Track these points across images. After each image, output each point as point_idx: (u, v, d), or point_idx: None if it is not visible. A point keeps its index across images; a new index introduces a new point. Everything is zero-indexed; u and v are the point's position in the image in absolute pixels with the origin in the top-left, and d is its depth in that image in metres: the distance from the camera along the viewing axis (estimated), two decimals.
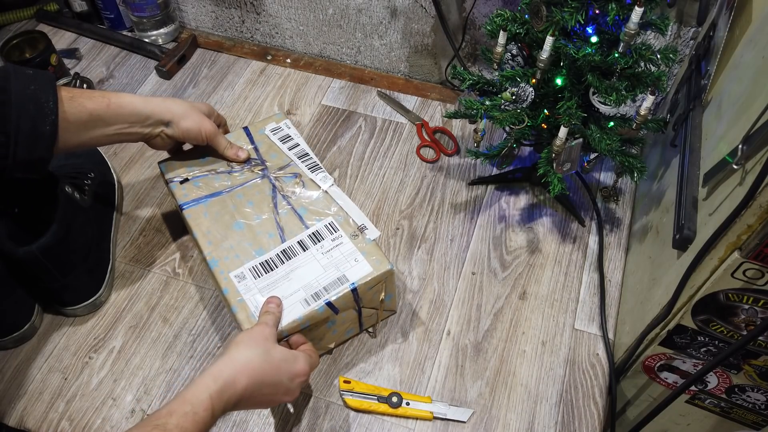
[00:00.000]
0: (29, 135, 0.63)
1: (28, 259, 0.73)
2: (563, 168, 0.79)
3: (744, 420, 0.75)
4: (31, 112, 0.63)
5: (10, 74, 0.64)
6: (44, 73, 0.67)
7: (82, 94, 0.69)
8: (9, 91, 0.62)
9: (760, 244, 0.54)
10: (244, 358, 0.59)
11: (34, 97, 0.63)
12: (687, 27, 0.90)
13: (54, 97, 0.65)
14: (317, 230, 0.76)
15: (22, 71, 0.65)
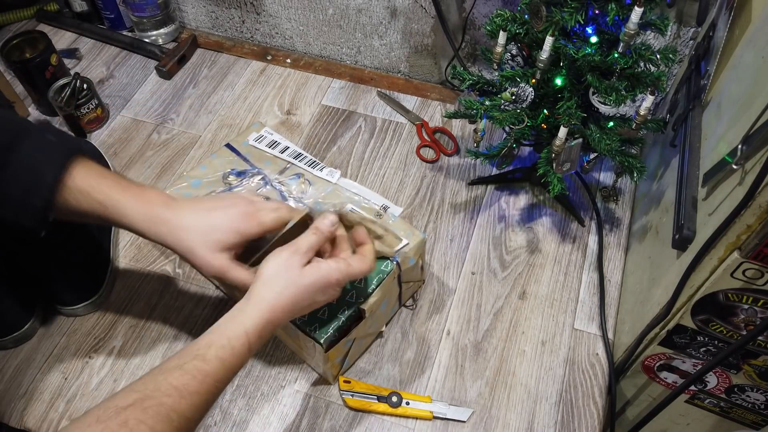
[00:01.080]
0: (17, 203, 0.58)
1: (28, 259, 0.73)
2: (563, 168, 0.79)
3: (743, 420, 0.75)
4: (25, 182, 0.57)
5: (28, 135, 0.59)
6: (68, 144, 0.60)
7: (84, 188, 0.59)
8: (12, 151, 0.57)
9: (759, 244, 0.54)
10: (274, 295, 0.57)
11: (35, 169, 0.58)
12: (686, 27, 0.90)
13: (57, 174, 0.58)
14: None
15: (43, 135, 0.59)
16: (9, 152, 0.57)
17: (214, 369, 0.51)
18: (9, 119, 0.60)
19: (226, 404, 0.75)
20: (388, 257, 0.73)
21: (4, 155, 0.57)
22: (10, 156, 0.57)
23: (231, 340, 0.54)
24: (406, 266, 0.74)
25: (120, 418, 0.46)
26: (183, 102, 1.08)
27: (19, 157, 0.57)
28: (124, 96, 1.08)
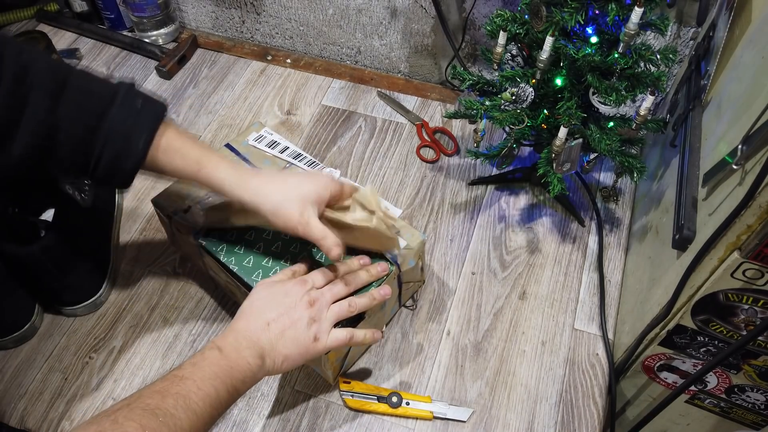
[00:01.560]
0: (108, 167, 0.62)
1: (28, 259, 0.73)
2: (563, 168, 0.79)
3: (744, 420, 0.75)
4: (118, 147, 0.61)
5: (116, 100, 0.62)
6: (153, 107, 0.64)
7: (179, 147, 0.64)
8: (105, 119, 0.61)
9: (759, 244, 0.54)
10: (240, 309, 0.65)
11: (127, 134, 0.61)
12: (687, 27, 0.90)
13: (147, 138, 0.62)
14: None
15: (131, 100, 0.62)
16: (101, 119, 0.61)
17: (188, 372, 0.56)
18: (100, 84, 0.63)
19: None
20: (387, 256, 0.73)
21: (96, 122, 0.61)
22: (102, 123, 0.61)
23: (202, 350, 0.59)
24: (405, 267, 0.74)
25: (111, 417, 0.50)
26: (183, 102, 1.08)
27: (112, 124, 0.61)
28: None
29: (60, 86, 0.59)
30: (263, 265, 0.73)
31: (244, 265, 0.73)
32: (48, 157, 0.61)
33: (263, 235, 0.76)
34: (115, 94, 0.62)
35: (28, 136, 0.58)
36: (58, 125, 0.59)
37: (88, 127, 0.60)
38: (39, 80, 0.58)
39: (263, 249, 0.75)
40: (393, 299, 0.77)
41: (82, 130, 0.60)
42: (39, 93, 0.58)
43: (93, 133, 0.61)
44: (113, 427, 0.49)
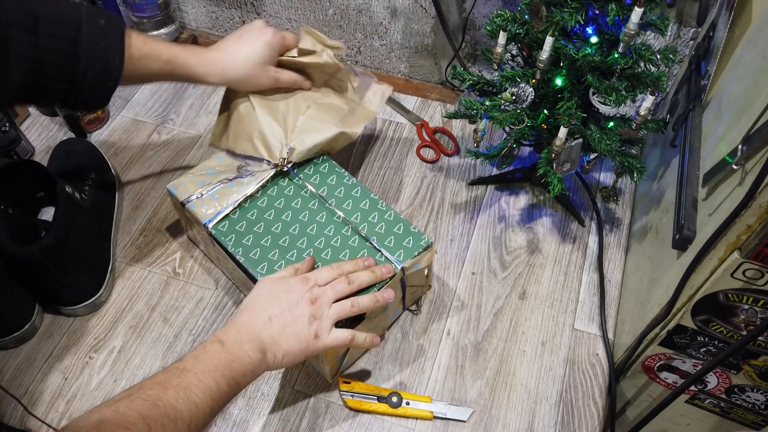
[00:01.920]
0: (92, 86, 0.66)
1: (28, 259, 0.73)
2: (563, 168, 0.79)
3: (744, 420, 0.75)
4: (98, 68, 0.65)
5: (82, 23, 0.64)
6: (116, 24, 0.67)
7: (149, 53, 0.70)
8: (80, 43, 0.64)
9: (759, 244, 0.54)
10: (243, 304, 0.65)
11: (103, 55, 0.65)
12: (687, 27, 0.90)
13: (122, 55, 0.67)
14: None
15: (95, 20, 0.65)
16: (76, 45, 0.64)
17: (190, 364, 0.57)
18: (63, 11, 0.65)
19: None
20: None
21: (73, 48, 0.64)
22: (78, 48, 0.64)
23: (204, 343, 0.61)
24: (410, 271, 0.74)
25: (112, 407, 0.50)
26: (183, 102, 1.08)
27: (88, 48, 0.64)
28: (124, 96, 1.08)
29: (33, 19, 0.62)
30: (269, 258, 0.74)
31: (251, 256, 0.74)
32: (36, 90, 0.64)
33: (272, 228, 0.76)
34: (80, 18, 0.65)
35: (18, 74, 0.61)
36: (42, 58, 0.62)
37: (69, 55, 0.63)
38: (15, 18, 0.61)
39: (271, 242, 0.75)
40: (396, 302, 0.77)
41: (64, 60, 0.63)
42: (18, 31, 0.60)
43: (73, 59, 0.64)
44: (114, 416, 0.49)
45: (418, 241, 0.75)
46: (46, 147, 1.00)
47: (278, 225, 0.77)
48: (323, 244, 0.75)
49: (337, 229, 0.76)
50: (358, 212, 0.78)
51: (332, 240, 0.75)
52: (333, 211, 0.78)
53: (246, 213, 0.78)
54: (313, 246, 0.75)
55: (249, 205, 0.79)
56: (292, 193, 0.80)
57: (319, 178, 0.81)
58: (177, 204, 0.81)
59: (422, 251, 0.74)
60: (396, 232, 0.76)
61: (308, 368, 0.78)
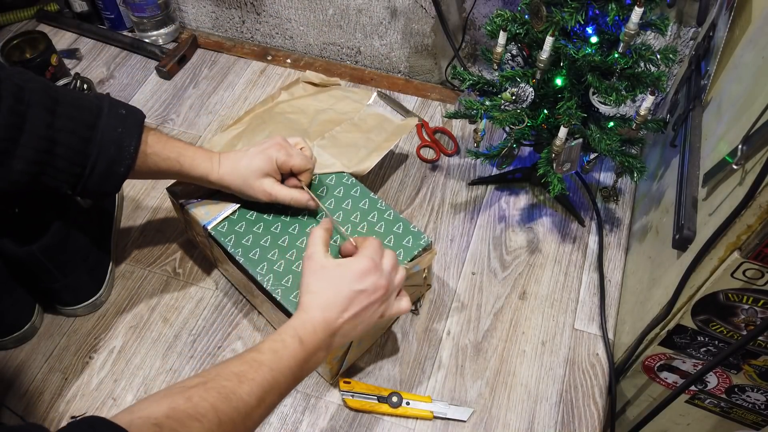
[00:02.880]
0: (103, 174, 0.67)
1: (28, 259, 0.73)
2: (563, 168, 0.79)
3: (744, 420, 0.75)
4: (112, 154, 0.66)
5: (102, 111, 0.66)
6: (135, 115, 0.69)
7: (161, 149, 0.71)
8: (97, 129, 0.65)
9: (759, 244, 0.54)
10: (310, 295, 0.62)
11: (119, 141, 0.66)
12: (687, 27, 0.90)
13: (137, 144, 0.68)
14: None
15: (115, 110, 0.67)
16: (93, 130, 0.65)
17: (268, 359, 0.55)
18: (85, 98, 0.67)
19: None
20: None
21: (89, 133, 0.65)
22: (94, 133, 0.65)
23: (282, 335, 0.59)
24: (410, 272, 0.74)
25: (185, 394, 0.50)
26: (183, 102, 1.08)
27: (103, 133, 0.66)
28: (124, 96, 1.08)
29: (54, 101, 0.63)
30: (269, 258, 0.74)
31: (250, 257, 0.74)
32: (45, 170, 0.64)
33: (271, 228, 0.77)
34: (101, 106, 0.67)
35: (29, 151, 0.62)
36: (55, 138, 0.63)
37: (83, 138, 0.65)
38: (36, 98, 0.62)
39: (270, 242, 0.75)
40: None
41: (77, 142, 0.64)
42: (37, 110, 0.62)
43: (87, 143, 0.65)
44: (187, 405, 0.49)
45: (417, 240, 0.75)
46: None
47: (277, 225, 0.77)
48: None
49: (336, 229, 0.76)
50: (358, 212, 0.78)
51: (331, 239, 0.75)
52: (332, 210, 0.78)
53: (245, 214, 0.78)
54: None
55: (248, 206, 0.78)
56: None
57: (318, 179, 0.81)
58: (177, 206, 0.81)
59: (422, 251, 0.74)
60: (396, 232, 0.76)
61: None
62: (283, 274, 0.73)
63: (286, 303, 0.70)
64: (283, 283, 0.72)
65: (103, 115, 0.66)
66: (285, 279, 0.72)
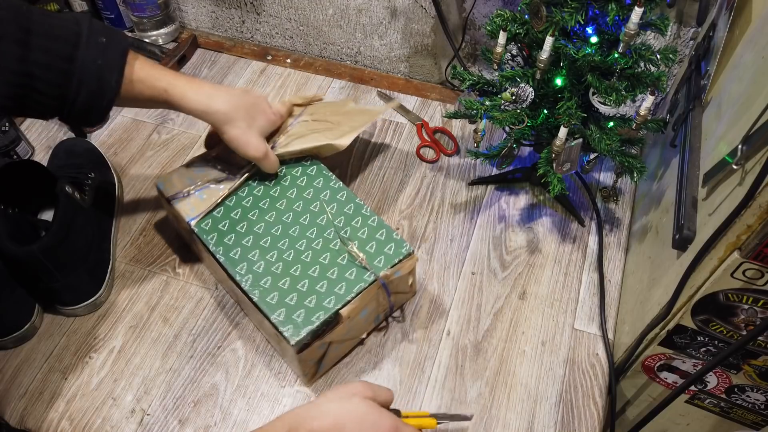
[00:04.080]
0: (86, 106, 0.65)
1: (28, 259, 0.73)
2: (563, 168, 0.79)
3: (744, 420, 0.75)
4: (93, 88, 0.64)
5: (81, 39, 0.63)
6: (118, 43, 0.66)
7: (145, 78, 0.68)
8: (75, 62, 0.62)
9: (759, 244, 0.54)
10: (325, 405, 0.60)
11: (99, 74, 0.64)
12: (687, 27, 0.90)
13: (118, 77, 0.65)
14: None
15: (95, 39, 0.64)
16: (72, 62, 0.62)
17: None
18: (62, 26, 0.63)
19: (226, 404, 0.75)
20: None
21: (67, 65, 0.62)
22: (73, 65, 0.62)
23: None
24: (392, 278, 0.73)
25: None
26: None
27: (83, 65, 0.63)
28: None
29: (26, 32, 0.60)
30: (249, 258, 0.74)
31: (231, 255, 0.74)
32: (26, 102, 0.63)
33: (255, 228, 0.77)
34: (79, 34, 0.63)
35: (3, 87, 0.60)
36: (31, 72, 0.61)
37: (61, 71, 0.62)
38: (8, 29, 0.59)
39: (252, 242, 0.76)
40: (376, 308, 0.77)
41: (55, 76, 0.62)
42: (7, 43, 0.59)
43: (66, 76, 0.62)
44: None
45: (399, 248, 0.74)
46: (46, 147, 1.00)
47: (261, 225, 0.77)
48: (304, 246, 0.75)
49: (320, 231, 0.76)
50: (342, 216, 0.78)
51: (314, 242, 0.75)
52: (316, 213, 0.78)
53: (230, 212, 0.78)
54: (294, 248, 0.75)
55: (233, 204, 0.79)
56: (277, 194, 0.80)
57: (306, 180, 0.82)
58: (163, 199, 0.81)
59: (403, 259, 0.74)
60: (378, 238, 0.76)
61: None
62: (262, 275, 0.73)
63: (263, 305, 0.70)
64: (261, 284, 0.72)
65: (81, 44, 0.63)
66: (263, 280, 0.72)
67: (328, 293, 0.71)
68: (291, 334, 0.68)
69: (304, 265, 0.73)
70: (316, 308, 0.70)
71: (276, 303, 0.71)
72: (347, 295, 0.71)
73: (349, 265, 0.73)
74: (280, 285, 0.72)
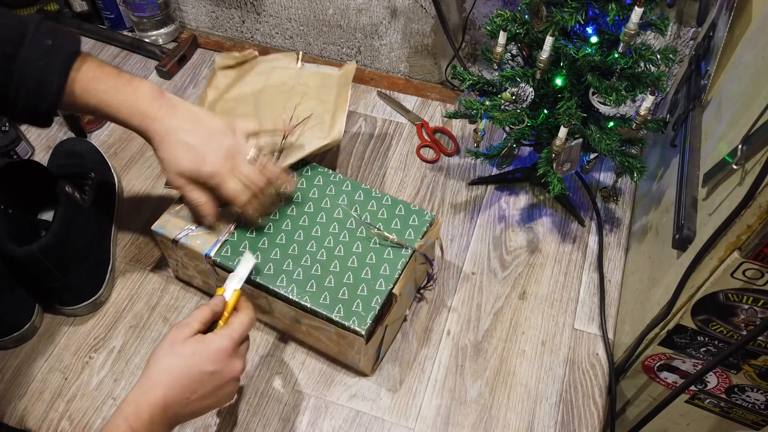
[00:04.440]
0: (26, 107, 0.63)
1: (28, 259, 0.73)
2: (563, 168, 0.79)
3: (744, 420, 0.75)
4: (32, 90, 0.61)
5: (25, 39, 0.61)
6: (65, 47, 0.63)
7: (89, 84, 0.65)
8: (16, 61, 0.60)
9: (759, 244, 0.54)
10: (153, 372, 0.58)
11: (39, 77, 0.61)
12: (687, 27, 0.90)
13: (60, 81, 0.62)
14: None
15: (40, 40, 0.61)
16: (12, 62, 0.60)
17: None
18: (8, 25, 0.61)
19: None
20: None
21: (7, 65, 0.60)
22: (13, 65, 0.60)
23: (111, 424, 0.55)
24: (424, 247, 0.76)
25: None
26: None
27: (23, 66, 0.60)
28: None
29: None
30: (285, 270, 0.73)
31: (265, 273, 0.73)
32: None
33: (276, 240, 0.76)
34: (23, 34, 0.61)
35: None
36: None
37: (1, 70, 0.60)
38: None
39: (281, 254, 0.74)
40: (412, 281, 0.78)
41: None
42: None
43: (5, 75, 0.60)
44: None
45: (422, 218, 0.77)
46: (46, 147, 1.00)
47: (281, 236, 0.76)
48: (333, 242, 0.75)
49: (341, 225, 0.76)
50: (356, 204, 0.78)
51: (340, 236, 0.76)
52: (330, 209, 0.78)
53: (244, 233, 0.76)
54: (323, 246, 0.75)
55: (245, 225, 0.77)
56: (284, 204, 0.79)
57: (305, 182, 0.81)
58: (167, 243, 0.77)
59: (429, 226, 0.76)
60: (399, 214, 0.77)
61: (308, 368, 0.78)
62: (305, 281, 0.72)
63: (318, 307, 0.70)
64: (308, 290, 0.71)
65: (24, 44, 0.60)
66: (308, 285, 0.72)
67: (375, 277, 0.72)
68: (358, 325, 0.68)
69: (341, 260, 0.74)
70: (370, 294, 0.71)
71: (330, 302, 0.70)
72: (394, 274, 0.72)
73: (383, 246, 0.75)
74: (326, 285, 0.72)
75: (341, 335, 0.71)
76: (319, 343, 0.77)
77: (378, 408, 0.75)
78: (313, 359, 0.79)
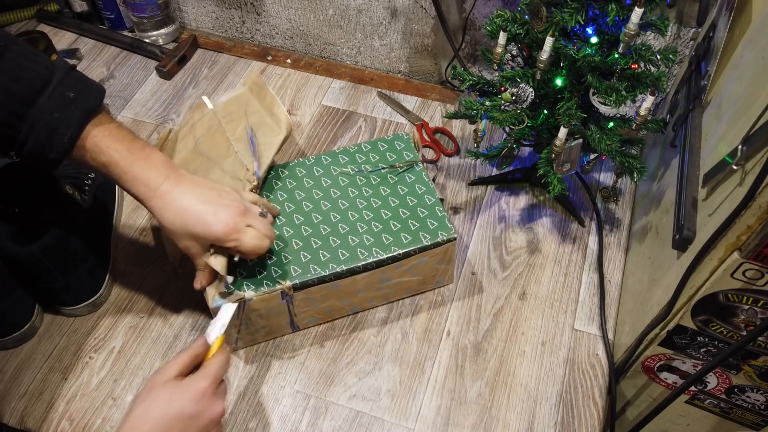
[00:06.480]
0: (33, 154, 0.62)
1: (28, 259, 0.73)
2: (563, 168, 0.79)
3: (744, 420, 0.75)
4: (42, 138, 0.61)
5: (48, 87, 0.61)
6: (85, 102, 0.62)
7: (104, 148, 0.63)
8: (33, 107, 0.60)
9: (759, 244, 0.54)
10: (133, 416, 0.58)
11: (52, 127, 0.61)
12: (687, 27, 0.90)
13: (73, 134, 0.61)
14: None
15: (62, 90, 0.61)
16: (29, 107, 0.60)
17: None
18: (32, 68, 0.61)
19: (226, 405, 0.75)
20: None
21: (23, 109, 0.60)
22: (29, 111, 0.60)
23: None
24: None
25: None
26: (183, 102, 1.08)
27: (39, 114, 0.60)
28: (124, 96, 1.09)
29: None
30: (320, 252, 0.74)
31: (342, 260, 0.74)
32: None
33: (318, 235, 0.76)
34: (47, 82, 0.61)
35: None
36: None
37: (13, 113, 0.60)
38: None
39: (316, 246, 0.75)
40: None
41: (6, 116, 0.59)
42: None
43: (19, 119, 0.60)
44: None
45: (402, 139, 0.85)
46: None
47: (321, 228, 0.77)
48: (364, 202, 0.79)
49: (355, 187, 0.81)
50: (348, 165, 0.83)
51: (364, 195, 0.80)
52: (335, 183, 0.81)
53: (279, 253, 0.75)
54: (360, 210, 0.78)
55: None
56: (290, 200, 0.79)
57: (294, 181, 0.81)
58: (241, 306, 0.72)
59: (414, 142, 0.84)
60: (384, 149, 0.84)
61: (308, 368, 0.78)
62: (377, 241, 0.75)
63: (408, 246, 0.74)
64: (387, 244, 0.75)
65: (45, 92, 0.60)
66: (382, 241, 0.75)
67: (419, 197, 0.80)
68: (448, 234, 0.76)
69: (382, 208, 0.78)
70: (429, 210, 0.78)
71: (412, 238, 0.75)
72: (430, 186, 0.80)
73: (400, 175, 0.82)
74: (394, 231, 0.76)
75: (434, 255, 0.76)
76: (402, 289, 0.81)
77: (378, 408, 0.75)
78: (313, 359, 0.79)
